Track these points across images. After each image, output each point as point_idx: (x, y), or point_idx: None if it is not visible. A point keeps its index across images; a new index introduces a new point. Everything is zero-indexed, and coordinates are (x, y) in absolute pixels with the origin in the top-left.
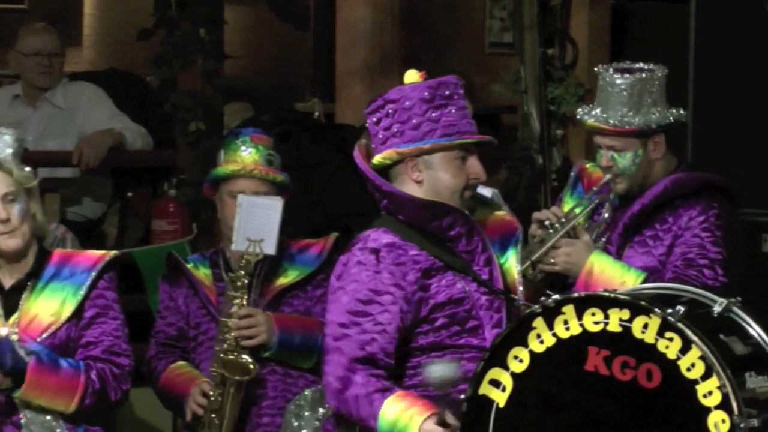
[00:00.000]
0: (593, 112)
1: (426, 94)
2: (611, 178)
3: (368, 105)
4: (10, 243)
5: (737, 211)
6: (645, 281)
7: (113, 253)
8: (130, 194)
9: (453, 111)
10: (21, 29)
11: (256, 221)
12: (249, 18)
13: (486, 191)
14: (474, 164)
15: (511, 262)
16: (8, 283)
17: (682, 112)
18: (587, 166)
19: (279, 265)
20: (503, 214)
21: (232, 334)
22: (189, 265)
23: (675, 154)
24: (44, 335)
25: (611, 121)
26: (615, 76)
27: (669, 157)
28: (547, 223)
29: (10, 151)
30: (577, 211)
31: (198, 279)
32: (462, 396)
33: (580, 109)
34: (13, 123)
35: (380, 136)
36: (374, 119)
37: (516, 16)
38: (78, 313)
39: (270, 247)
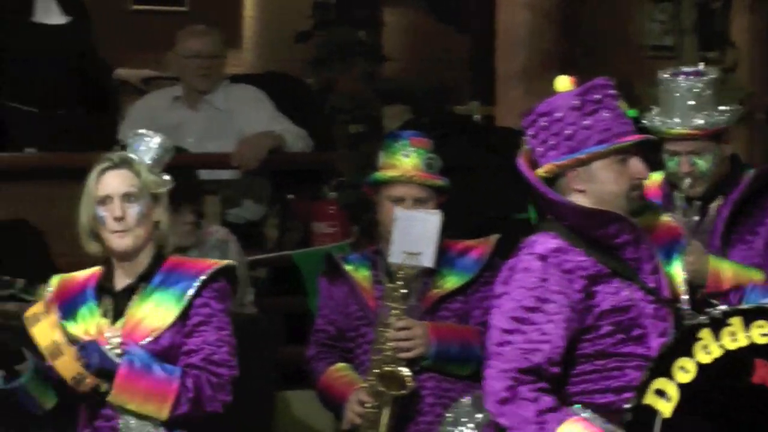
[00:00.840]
0: (673, 120)
1: (575, 102)
2: (690, 182)
3: (522, 119)
4: (120, 242)
5: None
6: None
7: (224, 262)
8: (290, 196)
9: (605, 114)
10: (181, 32)
11: (413, 234)
12: (407, 20)
13: None
14: (635, 164)
15: (676, 270)
16: (120, 285)
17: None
18: None
19: (438, 270)
20: (669, 219)
21: (389, 344)
22: (349, 267)
23: None
24: (147, 340)
25: (699, 124)
26: (690, 79)
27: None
28: None
29: (150, 155)
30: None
31: (356, 281)
32: (626, 405)
33: (654, 120)
34: (174, 125)
35: (539, 150)
36: (531, 134)
37: (676, 19)
38: (182, 320)
39: (428, 260)
